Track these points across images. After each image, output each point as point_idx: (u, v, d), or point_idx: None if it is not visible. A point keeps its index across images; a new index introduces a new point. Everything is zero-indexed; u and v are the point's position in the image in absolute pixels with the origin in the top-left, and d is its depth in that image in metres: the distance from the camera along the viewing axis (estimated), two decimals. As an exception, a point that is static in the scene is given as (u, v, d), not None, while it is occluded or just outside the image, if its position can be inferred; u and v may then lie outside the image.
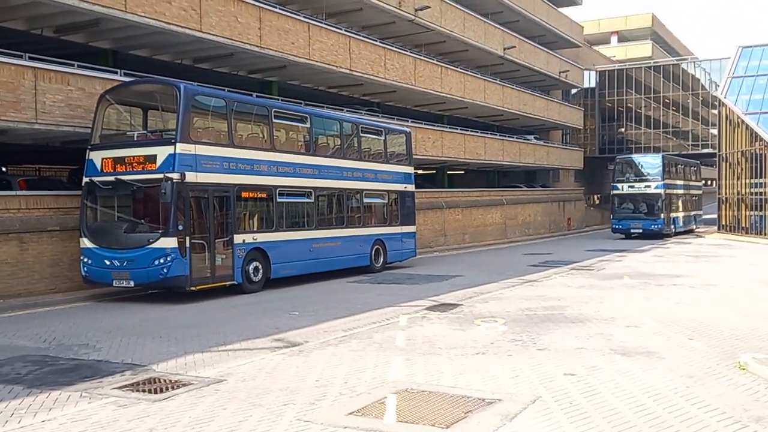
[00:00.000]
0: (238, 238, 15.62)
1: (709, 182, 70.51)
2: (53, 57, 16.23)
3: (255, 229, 16.51)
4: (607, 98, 53.33)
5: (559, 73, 44.79)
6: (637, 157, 39.77)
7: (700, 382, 7.36)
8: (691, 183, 42.44)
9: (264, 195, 16.88)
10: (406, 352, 9.10)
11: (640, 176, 36.93)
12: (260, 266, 16.25)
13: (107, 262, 14.51)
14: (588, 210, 51.30)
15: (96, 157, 15.14)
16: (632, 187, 36.77)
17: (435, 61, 31.58)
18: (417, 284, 17.47)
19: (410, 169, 23.14)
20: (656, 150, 48.62)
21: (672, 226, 37.31)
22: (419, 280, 18.48)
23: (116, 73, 17.39)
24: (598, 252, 27.33)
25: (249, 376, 7.94)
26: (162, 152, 14.40)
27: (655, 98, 52.84)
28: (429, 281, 18.00)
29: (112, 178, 14.78)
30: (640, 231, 35.68)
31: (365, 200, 20.80)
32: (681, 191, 39.77)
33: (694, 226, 42.24)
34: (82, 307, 14.35)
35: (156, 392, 7.38)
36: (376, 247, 20.89)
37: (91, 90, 16.19)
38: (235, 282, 15.49)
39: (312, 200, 18.48)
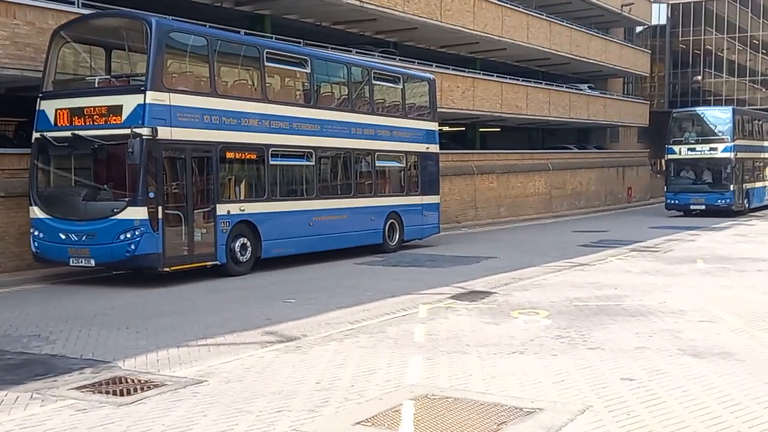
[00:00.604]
0: (221, 209, 15.68)
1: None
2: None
3: (242, 198, 16.59)
4: (680, 38, 52.75)
5: (621, 6, 44.28)
6: (701, 111, 38.59)
7: (789, 390, 7.35)
8: None
9: (253, 156, 16.92)
10: (427, 349, 9.15)
11: (703, 136, 35.26)
12: (248, 243, 16.33)
13: (63, 237, 14.63)
14: (654, 178, 51.02)
15: (49, 107, 15.19)
16: (693, 150, 35.18)
17: (466, -9, 31.30)
18: (440, 267, 17.52)
19: (434, 126, 23.09)
20: (740, 103, 48.10)
21: (745, 201, 35.80)
22: (443, 262, 18.52)
23: (73, 4, 17.36)
24: (665, 229, 27.23)
25: (235, 376, 8.02)
26: (129, 102, 14.43)
27: (741, 39, 52.19)
28: (455, 264, 18.04)
29: (68, 134, 14.83)
30: (703, 207, 34.01)
31: (378, 164, 20.79)
32: (759, 155, 38.55)
33: None
34: (33, 291, 14.51)
35: (122, 394, 7.47)
36: (390, 221, 20.92)
37: (42, 25, 16.21)
38: (218, 262, 15.59)
39: (312, 163, 18.50)
